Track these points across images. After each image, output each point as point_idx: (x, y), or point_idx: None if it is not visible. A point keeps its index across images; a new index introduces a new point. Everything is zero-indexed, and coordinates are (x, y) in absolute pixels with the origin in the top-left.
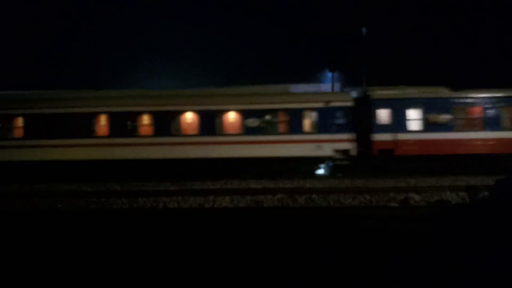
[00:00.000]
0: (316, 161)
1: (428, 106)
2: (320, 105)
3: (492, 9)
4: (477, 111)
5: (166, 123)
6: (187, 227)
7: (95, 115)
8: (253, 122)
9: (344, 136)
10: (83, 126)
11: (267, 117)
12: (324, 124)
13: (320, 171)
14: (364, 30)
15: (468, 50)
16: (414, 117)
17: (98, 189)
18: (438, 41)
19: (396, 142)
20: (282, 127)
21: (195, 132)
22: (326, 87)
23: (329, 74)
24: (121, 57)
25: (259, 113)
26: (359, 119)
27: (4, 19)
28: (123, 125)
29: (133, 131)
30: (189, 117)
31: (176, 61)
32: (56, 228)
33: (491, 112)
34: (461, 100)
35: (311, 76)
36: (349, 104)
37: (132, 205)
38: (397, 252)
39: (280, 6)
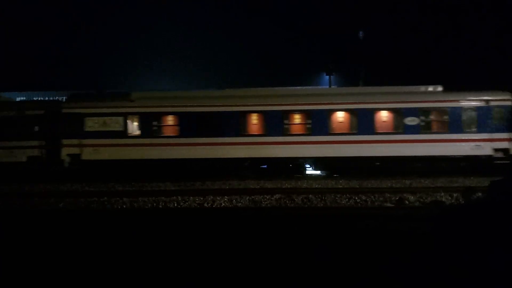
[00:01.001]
0: (474, 160)
1: None
2: (479, 103)
3: (492, 9)
4: None
5: (320, 122)
6: (187, 227)
7: (245, 114)
8: (411, 120)
9: (504, 135)
10: (235, 125)
11: (424, 116)
12: (484, 123)
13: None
14: (360, 33)
15: (468, 50)
16: None
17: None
18: (438, 41)
19: None
20: (440, 126)
21: (350, 131)
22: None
23: (327, 77)
24: (121, 57)
25: (416, 112)
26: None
27: (4, 19)
28: (277, 124)
29: (288, 130)
30: (342, 115)
31: (176, 61)
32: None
33: None
34: None
35: (309, 78)
36: (508, 103)
37: (133, 204)
38: (395, 252)
39: (280, 6)
